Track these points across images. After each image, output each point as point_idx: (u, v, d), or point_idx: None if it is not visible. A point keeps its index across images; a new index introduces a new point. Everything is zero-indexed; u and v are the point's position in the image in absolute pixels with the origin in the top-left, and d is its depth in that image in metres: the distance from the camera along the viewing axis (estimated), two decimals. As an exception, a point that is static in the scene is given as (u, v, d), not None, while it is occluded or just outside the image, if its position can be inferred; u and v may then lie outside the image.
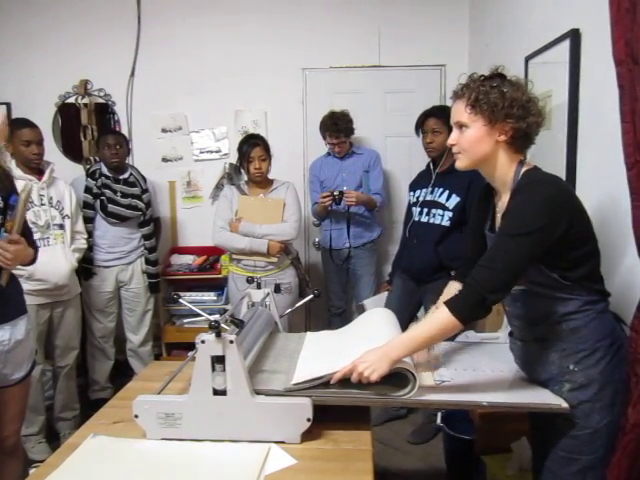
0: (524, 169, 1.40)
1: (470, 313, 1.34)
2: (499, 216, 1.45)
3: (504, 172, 1.41)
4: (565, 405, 1.36)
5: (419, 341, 1.38)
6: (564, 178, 2.03)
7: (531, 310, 1.46)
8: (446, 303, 1.35)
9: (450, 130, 2.82)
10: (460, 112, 1.41)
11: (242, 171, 2.97)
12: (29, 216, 2.45)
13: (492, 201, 1.53)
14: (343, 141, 3.26)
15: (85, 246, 2.91)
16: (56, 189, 2.73)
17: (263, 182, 2.90)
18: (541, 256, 1.33)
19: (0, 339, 1.80)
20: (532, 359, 1.48)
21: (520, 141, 1.39)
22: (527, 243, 1.30)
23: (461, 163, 1.46)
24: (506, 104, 1.34)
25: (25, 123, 2.61)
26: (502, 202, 1.43)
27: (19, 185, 1.95)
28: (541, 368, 1.44)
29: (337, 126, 3.20)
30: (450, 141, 1.46)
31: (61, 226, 2.72)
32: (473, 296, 1.33)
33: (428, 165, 2.87)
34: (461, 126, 1.42)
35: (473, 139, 1.39)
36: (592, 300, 1.38)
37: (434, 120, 2.71)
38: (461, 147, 1.43)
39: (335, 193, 3.11)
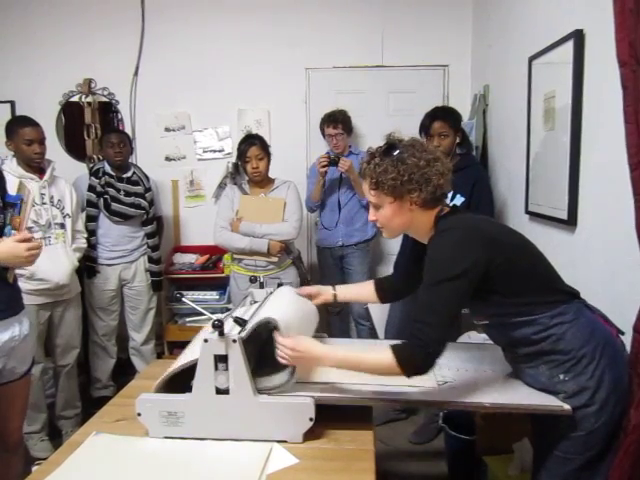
0: (439, 220, 1.44)
1: (415, 370, 1.34)
2: None
3: (427, 229, 1.46)
4: (567, 407, 1.36)
5: (350, 365, 1.41)
6: (567, 179, 2.03)
7: (505, 338, 1.48)
8: (395, 354, 1.32)
9: (455, 131, 2.83)
10: (367, 193, 1.46)
11: (242, 171, 2.97)
12: (30, 215, 2.44)
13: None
14: (341, 133, 3.26)
15: (85, 245, 2.91)
16: (57, 188, 2.72)
17: (264, 181, 2.90)
18: (474, 295, 1.36)
19: (12, 334, 1.81)
20: (523, 372, 1.49)
21: (432, 201, 1.41)
22: (449, 288, 1.32)
23: (387, 235, 1.53)
24: (404, 179, 1.36)
25: (27, 121, 2.58)
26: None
27: (13, 183, 1.93)
28: (533, 380, 1.46)
29: (335, 116, 3.24)
30: (370, 217, 1.51)
31: (62, 225, 2.71)
32: (420, 353, 1.32)
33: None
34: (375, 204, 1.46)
35: (388, 216, 1.44)
36: (558, 313, 1.38)
37: (441, 123, 2.70)
38: (381, 223, 1.48)
39: (332, 155, 3.15)
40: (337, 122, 3.24)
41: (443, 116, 2.71)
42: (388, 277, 1.85)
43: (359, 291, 1.88)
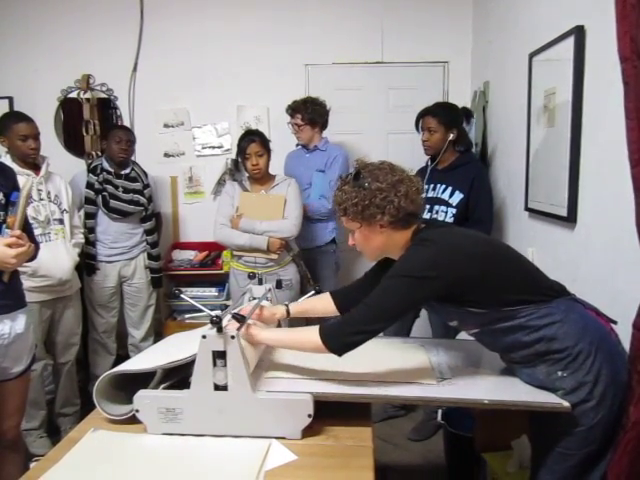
0: (417, 232, 1.48)
1: (339, 346, 1.39)
2: None
3: (403, 247, 1.47)
4: (566, 404, 1.36)
5: (283, 343, 1.56)
6: (567, 176, 2.03)
7: (499, 344, 1.49)
8: (321, 329, 1.40)
9: (447, 128, 2.85)
10: (342, 220, 1.52)
11: (242, 167, 2.96)
12: (29, 212, 2.43)
13: None
14: (300, 124, 3.12)
15: (83, 241, 2.90)
16: (53, 184, 2.71)
17: (264, 178, 2.89)
18: (458, 307, 1.41)
19: (0, 332, 1.80)
20: (521, 372, 1.50)
21: (402, 221, 1.44)
22: (407, 284, 1.37)
23: (368, 259, 1.59)
24: (365, 204, 1.40)
25: (21, 117, 2.55)
26: None
27: (20, 181, 1.94)
28: (530, 378, 1.47)
29: (296, 104, 3.12)
30: (349, 242, 1.55)
31: (61, 221, 2.70)
32: (347, 329, 1.39)
33: (427, 162, 2.88)
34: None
35: (362, 241, 1.49)
36: (546, 313, 1.39)
37: (430, 119, 2.71)
38: (360, 247, 1.53)
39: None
40: (296, 111, 3.12)
41: (435, 112, 2.72)
42: (346, 287, 1.79)
43: (314, 304, 1.81)
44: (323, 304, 1.76)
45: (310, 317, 1.87)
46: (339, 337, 1.39)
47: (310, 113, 3.11)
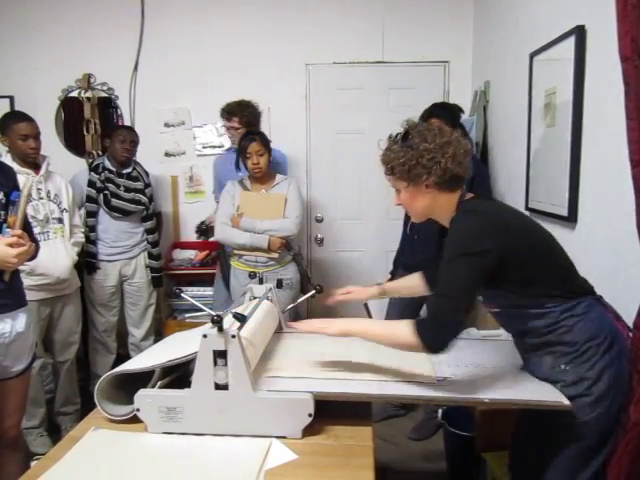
0: (463, 202, 1.48)
1: (440, 345, 1.38)
2: None
3: (449, 212, 1.49)
4: (566, 402, 1.36)
5: (371, 336, 1.47)
6: (568, 176, 2.03)
7: (514, 327, 1.52)
8: (416, 328, 1.36)
9: (453, 129, 2.86)
10: (388, 179, 1.53)
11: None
12: (28, 210, 2.44)
13: None
14: (236, 127, 3.10)
15: (83, 240, 2.91)
16: (53, 183, 2.72)
17: (265, 177, 2.89)
18: (488, 283, 1.39)
19: (1, 331, 1.80)
20: (528, 361, 1.52)
21: (448, 182, 1.45)
22: (467, 263, 1.36)
23: (415, 219, 1.60)
24: (412, 164, 1.42)
25: (22, 117, 2.56)
26: None
27: (20, 180, 1.95)
28: (535, 368, 1.48)
29: (230, 107, 3.10)
30: (395, 202, 1.56)
31: (60, 220, 2.71)
32: (440, 327, 1.37)
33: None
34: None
35: (408, 200, 1.51)
36: (570, 307, 1.40)
37: (437, 121, 2.69)
38: (405, 207, 1.55)
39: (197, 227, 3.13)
40: (232, 114, 3.09)
41: (439, 114, 2.71)
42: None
43: (409, 284, 1.86)
44: (415, 282, 1.80)
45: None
46: (437, 336, 1.37)
47: (247, 116, 3.11)
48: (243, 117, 3.10)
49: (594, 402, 1.36)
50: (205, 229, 3.02)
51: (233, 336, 1.34)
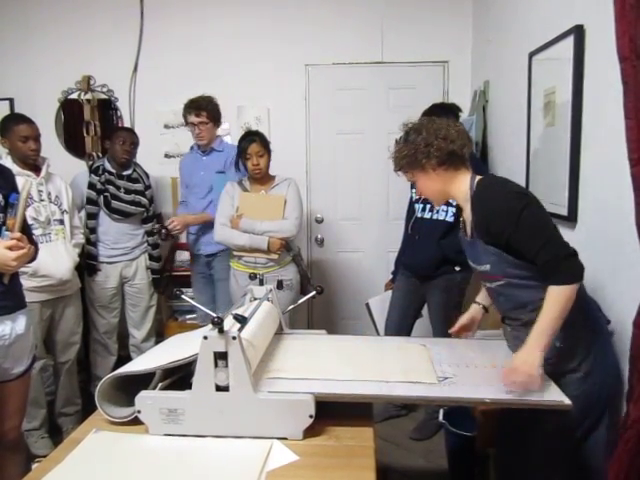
0: (477, 180, 1.58)
1: (574, 274, 1.44)
2: (468, 222, 1.62)
3: (459, 189, 1.61)
4: (567, 402, 1.36)
5: (553, 325, 1.41)
6: (567, 175, 2.03)
7: (514, 300, 1.57)
8: (555, 283, 1.41)
9: None
10: (405, 176, 1.70)
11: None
12: (29, 212, 2.45)
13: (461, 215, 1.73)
14: (205, 122, 3.01)
15: (83, 241, 2.91)
16: (53, 184, 2.73)
17: (264, 178, 2.89)
18: (504, 253, 1.50)
19: (1, 333, 1.80)
20: (521, 342, 1.51)
21: (450, 161, 1.58)
22: (529, 214, 1.45)
23: (435, 203, 1.89)
24: (412, 152, 1.59)
25: (22, 119, 2.57)
26: (466, 212, 1.62)
27: (19, 182, 1.95)
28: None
29: (199, 103, 3.04)
30: (416, 195, 1.73)
31: (61, 221, 2.72)
32: (560, 264, 1.43)
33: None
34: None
35: (423, 187, 1.66)
36: None
37: None
38: (425, 195, 1.74)
39: (155, 229, 3.06)
40: (201, 109, 3.00)
41: (438, 114, 2.70)
42: None
43: None
44: None
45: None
46: (569, 269, 1.43)
47: (212, 111, 3.05)
48: (210, 112, 3.04)
49: (583, 378, 1.45)
50: (167, 234, 2.97)
51: (234, 337, 1.34)
